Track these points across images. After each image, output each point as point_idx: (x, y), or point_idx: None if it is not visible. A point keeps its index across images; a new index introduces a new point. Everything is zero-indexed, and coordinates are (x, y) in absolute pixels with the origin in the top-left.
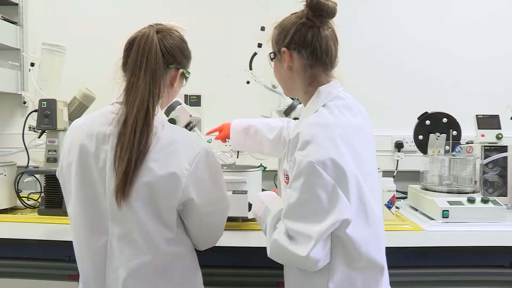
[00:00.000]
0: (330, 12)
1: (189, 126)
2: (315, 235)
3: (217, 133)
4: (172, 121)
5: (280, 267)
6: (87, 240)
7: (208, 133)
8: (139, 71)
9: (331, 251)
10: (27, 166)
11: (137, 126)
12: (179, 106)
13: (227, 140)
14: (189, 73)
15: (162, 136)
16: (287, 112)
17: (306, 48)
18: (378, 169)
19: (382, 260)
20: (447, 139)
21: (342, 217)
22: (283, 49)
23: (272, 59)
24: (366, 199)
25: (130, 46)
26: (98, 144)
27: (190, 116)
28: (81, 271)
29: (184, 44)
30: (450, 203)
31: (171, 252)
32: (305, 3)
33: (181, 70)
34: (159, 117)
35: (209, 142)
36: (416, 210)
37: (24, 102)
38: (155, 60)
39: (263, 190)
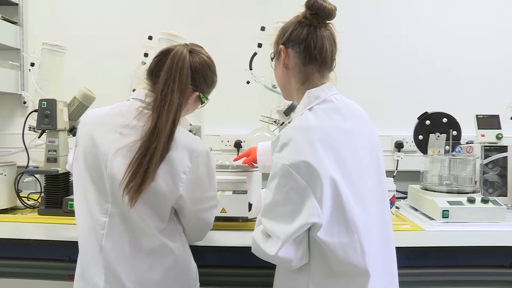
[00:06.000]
0: (327, 12)
1: None
2: (282, 235)
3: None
4: None
5: None
6: (90, 221)
7: (236, 159)
8: (173, 85)
9: (310, 252)
10: (27, 166)
11: (170, 140)
12: None
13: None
14: (207, 98)
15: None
16: (287, 112)
17: (300, 44)
18: None
19: (367, 267)
20: (447, 139)
21: (311, 221)
22: (281, 46)
23: (272, 59)
24: (346, 204)
25: (163, 56)
26: (107, 132)
27: (190, 125)
28: (83, 255)
29: (209, 71)
30: (450, 203)
31: (165, 243)
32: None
33: (197, 93)
34: None
35: (210, 149)
36: (416, 210)
37: (24, 102)
38: (186, 77)
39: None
